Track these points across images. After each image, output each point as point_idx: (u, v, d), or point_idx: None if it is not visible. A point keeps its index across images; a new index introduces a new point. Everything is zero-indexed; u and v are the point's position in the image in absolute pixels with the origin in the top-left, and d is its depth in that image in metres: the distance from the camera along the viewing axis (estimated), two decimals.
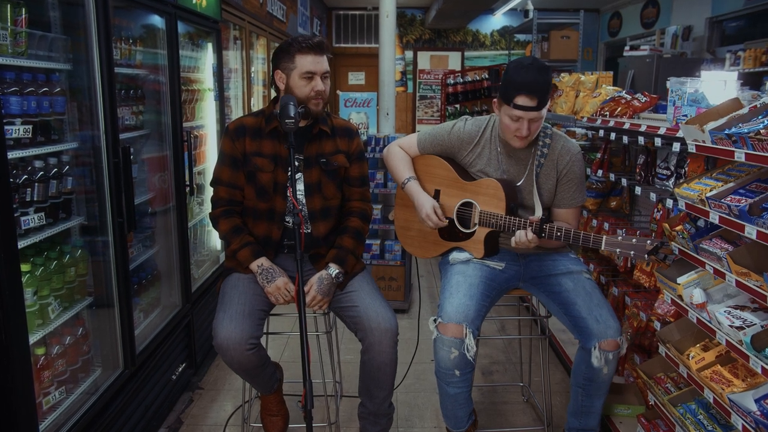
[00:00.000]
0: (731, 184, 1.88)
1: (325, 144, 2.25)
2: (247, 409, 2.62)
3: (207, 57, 3.41)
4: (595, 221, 3.14)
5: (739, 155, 1.74)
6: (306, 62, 2.10)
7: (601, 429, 2.34)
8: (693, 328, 2.08)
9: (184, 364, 2.91)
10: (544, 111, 2.08)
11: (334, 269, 2.21)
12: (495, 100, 2.17)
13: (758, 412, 1.67)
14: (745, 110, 1.87)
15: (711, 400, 1.83)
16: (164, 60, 2.72)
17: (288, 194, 2.16)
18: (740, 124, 1.85)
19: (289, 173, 2.19)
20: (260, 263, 2.18)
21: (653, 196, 2.40)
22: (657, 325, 2.33)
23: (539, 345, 3.21)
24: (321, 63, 2.13)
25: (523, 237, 2.07)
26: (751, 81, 5.17)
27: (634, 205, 3.20)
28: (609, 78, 4.19)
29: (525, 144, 2.16)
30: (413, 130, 10.70)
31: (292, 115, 1.91)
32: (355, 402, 2.85)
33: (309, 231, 2.25)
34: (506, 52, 10.43)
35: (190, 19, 2.98)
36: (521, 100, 2.02)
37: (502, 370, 3.21)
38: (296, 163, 2.21)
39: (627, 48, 7.23)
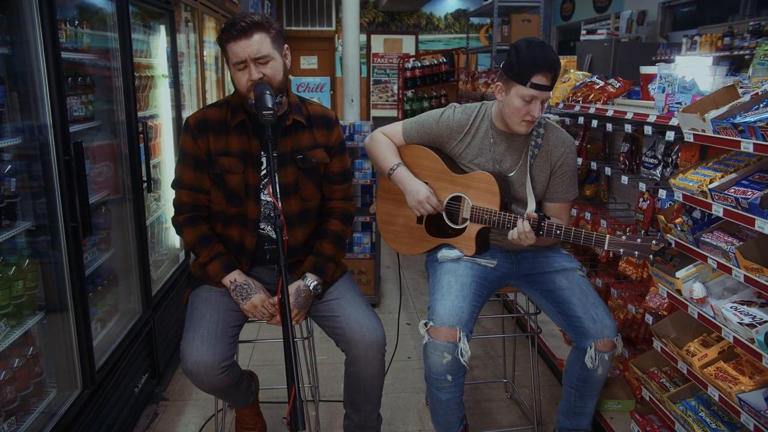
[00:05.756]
0: (733, 175, 1.81)
1: (301, 137, 2.01)
2: (221, 418, 2.43)
3: (160, 41, 3.14)
4: (574, 210, 3.07)
5: (746, 146, 1.67)
6: (234, 51, 1.81)
7: (591, 425, 2.28)
8: (691, 323, 2.02)
9: (146, 375, 2.68)
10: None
11: (311, 280, 2.00)
12: (498, 84, 2.03)
13: None
14: (746, 98, 1.80)
15: (716, 398, 1.77)
16: (115, 43, 2.45)
17: (268, 194, 1.95)
18: (743, 113, 1.78)
19: (263, 172, 1.98)
20: (233, 278, 1.96)
21: (642, 186, 2.34)
22: (649, 318, 2.27)
23: (520, 340, 3.15)
24: (249, 47, 1.80)
25: (521, 231, 1.95)
26: None
27: (610, 193, 3.15)
28: (573, 62, 4.13)
29: (529, 129, 2.05)
30: (368, 116, 10.52)
31: (270, 105, 1.70)
32: (333, 407, 2.72)
33: (284, 238, 2.03)
34: (461, 35, 10.36)
35: None
36: (539, 79, 1.92)
37: (481, 365, 3.13)
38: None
39: (584, 32, 7.26)
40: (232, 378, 1.92)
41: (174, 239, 3.42)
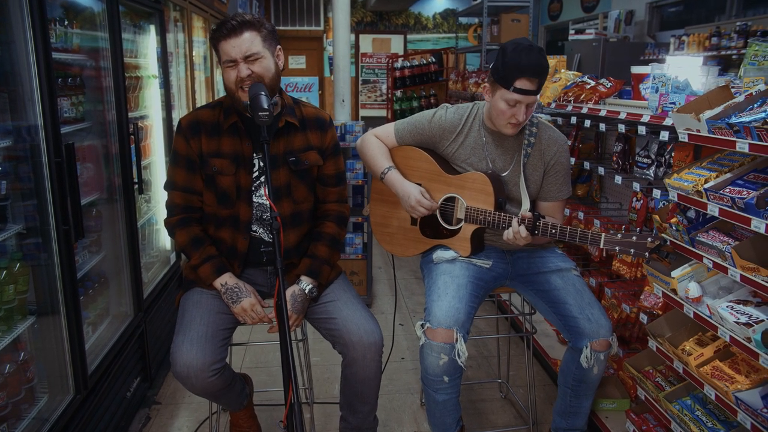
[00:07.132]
0: (728, 175, 1.83)
1: (294, 139, 2.00)
2: (215, 421, 2.40)
3: (149, 41, 3.10)
4: (567, 210, 3.08)
5: (742, 146, 1.68)
6: (224, 50, 1.82)
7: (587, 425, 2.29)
8: (686, 322, 2.03)
9: (138, 378, 2.65)
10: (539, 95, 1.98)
11: (306, 284, 1.99)
12: (486, 85, 2.02)
13: (766, 410, 1.63)
14: (740, 98, 1.81)
15: (713, 397, 1.78)
16: (105, 43, 2.42)
17: (264, 197, 1.93)
18: (737, 113, 1.80)
19: (255, 173, 1.97)
20: (224, 281, 1.94)
21: (636, 186, 2.34)
22: (643, 317, 2.28)
23: (514, 340, 3.15)
24: (239, 45, 1.80)
25: (516, 231, 1.95)
26: None
27: (602, 193, 3.16)
28: (563, 62, 4.13)
29: (516, 131, 2.04)
30: (357, 116, 10.50)
31: (265, 106, 1.69)
32: (327, 408, 2.70)
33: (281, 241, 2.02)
34: (450, 35, 10.38)
35: None
36: (522, 84, 1.90)
37: (475, 365, 3.13)
38: (261, 164, 1.98)
39: (572, 32, 7.30)
40: (223, 381, 1.91)
41: (165, 241, 3.38)
